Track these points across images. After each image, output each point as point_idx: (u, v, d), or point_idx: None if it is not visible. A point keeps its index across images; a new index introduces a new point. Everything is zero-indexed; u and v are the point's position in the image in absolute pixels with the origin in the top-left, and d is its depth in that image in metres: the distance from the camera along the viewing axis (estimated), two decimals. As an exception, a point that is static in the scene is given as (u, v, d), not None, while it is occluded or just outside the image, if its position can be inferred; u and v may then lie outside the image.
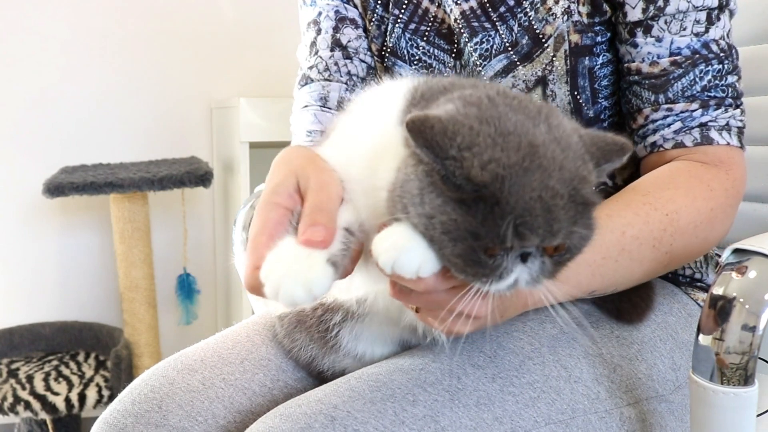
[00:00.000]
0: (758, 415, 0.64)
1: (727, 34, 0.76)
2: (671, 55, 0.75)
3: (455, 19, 0.83)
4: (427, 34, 0.86)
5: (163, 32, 2.31)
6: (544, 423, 0.65)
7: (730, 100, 0.75)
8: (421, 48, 0.87)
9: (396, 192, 0.54)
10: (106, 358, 2.05)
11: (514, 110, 0.54)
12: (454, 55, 0.85)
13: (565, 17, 0.77)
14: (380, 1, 0.89)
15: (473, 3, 0.82)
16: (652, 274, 0.73)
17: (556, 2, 0.77)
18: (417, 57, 0.87)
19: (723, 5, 0.75)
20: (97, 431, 0.73)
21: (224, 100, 2.26)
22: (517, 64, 0.80)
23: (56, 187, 1.88)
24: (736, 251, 0.61)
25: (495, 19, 0.81)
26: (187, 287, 2.26)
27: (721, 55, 0.75)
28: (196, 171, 1.97)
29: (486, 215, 0.49)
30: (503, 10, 0.80)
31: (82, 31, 2.24)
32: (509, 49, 0.80)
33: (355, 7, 0.92)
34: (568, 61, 0.78)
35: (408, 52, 0.87)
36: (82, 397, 1.84)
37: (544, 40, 0.78)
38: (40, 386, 1.86)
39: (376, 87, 0.68)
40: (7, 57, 2.19)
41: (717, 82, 0.75)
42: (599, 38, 0.79)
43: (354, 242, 0.57)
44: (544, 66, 0.79)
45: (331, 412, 0.61)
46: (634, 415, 0.70)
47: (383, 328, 0.71)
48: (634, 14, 0.75)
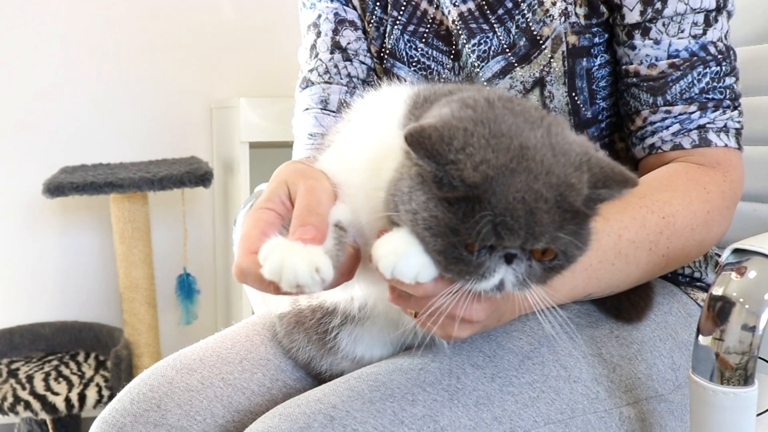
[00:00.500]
0: (758, 415, 0.64)
1: (725, 36, 0.76)
2: (669, 57, 0.75)
3: (453, 21, 0.83)
4: (425, 35, 0.86)
5: (164, 32, 2.31)
6: (544, 423, 0.65)
7: (728, 101, 0.76)
8: (420, 49, 0.87)
9: (390, 191, 0.55)
10: (106, 358, 2.05)
11: (513, 114, 0.55)
12: (452, 57, 0.85)
13: (563, 19, 0.77)
14: (379, 3, 0.89)
15: (471, 5, 0.82)
16: (649, 276, 0.74)
17: (554, 4, 0.78)
18: (415, 58, 0.87)
19: (721, 7, 0.75)
20: (96, 430, 0.73)
21: (224, 100, 2.26)
22: (515, 65, 0.80)
23: (56, 187, 1.88)
24: (736, 251, 0.61)
25: (493, 21, 0.81)
26: (187, 287, 2.26)
27: (719, 57, 0.75)
28: (196, 171, 1.97)
29: (467, 213, 0.50)
30: (501, 12, 0.80)
31: (83, 31, 2.25)
32: (507, 50, 0.80)
33: (354, 9, 0.92)
34: (566, 63, 0.78)
35: (407, 54, 0.87)
36: (82, 397, 1.84)
37: (541, 42, 0.78)
38: (40, 386, 1.87)
39: (376, 93, 0.69)
40: (8, 57, 2.19)
41: (715, 84, 0.75)
42: (597, 39, 0.79)
43: (346, 238, 0.58)
44: (542, 67, 0.79)
45: (330, 412, 0.61)
46: (634, 415, 0.70)
47: (382, 332, 0.71)
48: (632, 16, 0.75)
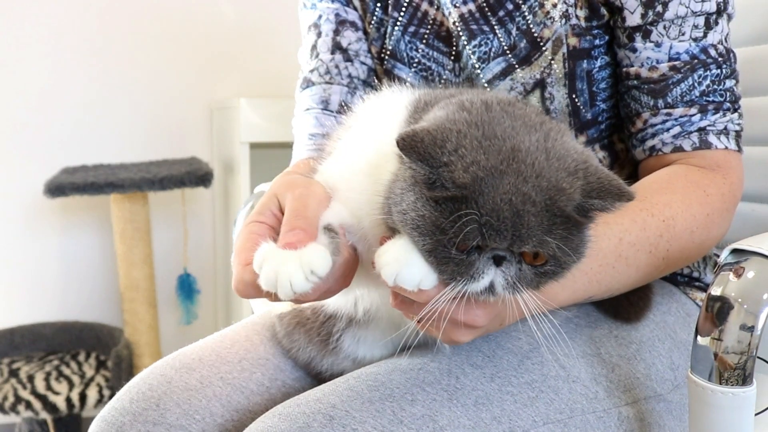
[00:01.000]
0: (756, 414, 0.64)
1: (725, 39, 0.76)
2: (670, 60, 0.75)
3: (454, 22, 0.83)
4: (426, 36, 0.86)
5: (164, 33, 2.32)
6: (543, 422, 0.65)
7: (728, 104, 0.76)
8: (420, 50, 0.87)
9: (386, 194, 0.55)
10: (107, 357, 2.05)
11: (510, 117, 0.55)
12: (452, 58, 0.85)
13: (563, 21, 0.78)
14: (379, 4, 0.90)
15: (472, 6, 0.82)
16: (649, 278, 0.74)
17: (554, 6, 0.78)
18: (416, 59, 0.87)
19: (721, 10, 0.75)
20: (96, 429, 0.73)
21: (224, 100, 2.27)
22: (516, 67, 0.80)
23: (57, 188, 1.88)
24: (735, 251, 0.61)
25: (494, 22, 0.81)
26: (187, 287, 2.26)
27: (720, 59, 0.75)
28: (196, 171, 1.97)
29: (454, 212, 0.50)
30: (502, 14, 0.80)
31: (83, 32, 2.25)
32: (507, 52, 0.80)
33: (355, 9, 0.93)
34: (566, 65, 0.79)
35: (407, 55, 0.88)
36: (83, 397, 1.84)
37: (542, 44, 0.78)
38: (40, 386, 1.87)
39: (377, 98, 0.70)
40: (8, 57, 2.19)
41: (715, 87, 0.75)
42: (597, 41, 0.79)
43: (339, 240, 0.59)
44: (543, 69, 0.79)
45: (330, 412, 0.61)
46: (633, 415, 0.70)
47: (385, 333, 0.71)
48: (633, 19, 0.76)
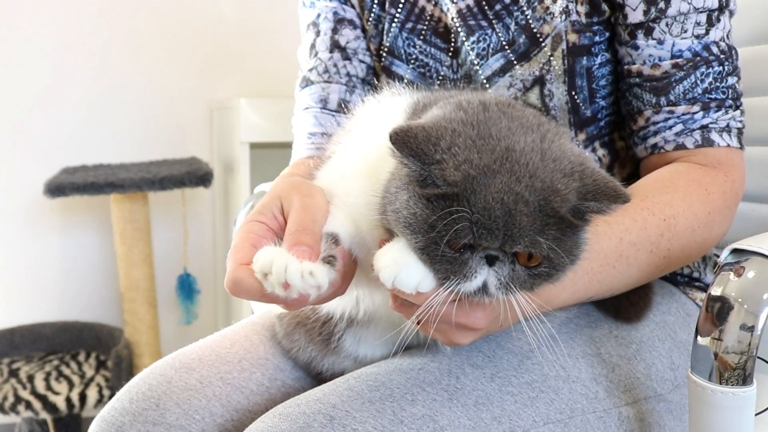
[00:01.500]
0: (757, 414, 0.64)
1: (727, 35, 0.76)
2: (672, 57, 0.75)
3: (452, 18, 0.83)
4: (423, 32, 0.86)
5: (164, 33, 2.31)
6: (543, 422, 0.65)
7: (731, 101, 0.76)
8: (418, 47, 0.87)
9: (381, 194, 0.56)
10: (107, 357, 2.05)
11: (507, 118, 0.55)
12: (450, 54, 0.85)
13: (563, 17, 0.77)
14: (377, 1, 0.89)
15: (470, 1, 0.82)
16: (650, 277, 0.74)
17: (554, 1, 0.77)
18: (414, 56, 0.87)
19: (723, 6, 0.75)
20: (96, 429, 0.73)
21: (224, 100, 2.26)
22: (515, 63, 0.80)
23: (57, 188, 1.88)
24: (735, 251, 0.61)
25: (491, 17, 0.81)
26: (187, 287, 2.26)
27: (722, 56, 0.75)
28: (196, 171, 1.97)
29: (446, 210, 0.50)
30: (499, 8, 0.80)
31: (83, 32, 2.25)
32: (506, 47, 0.80)
33: (353, 7, 0.93)
34: (566, 61, 0.78)
35: (405, 51, 0.87)
36: (83, 397, 1.84)
37: (541, 40, 0.78)
38: (40, 386, 1.87)
39: (376, 103, 0.70)
40: (8, 57, 2.19)
41: (718, 84, 0.75)
42: (597, 38, 0.79)
43: (337, 252, 0.59)
44: (542, 65, 0.79)
45: (330, 412, 0.61)
46: (633, 415, 0.70)
47: (385, 333, 0.71)
48: (635, 16, 0.75)
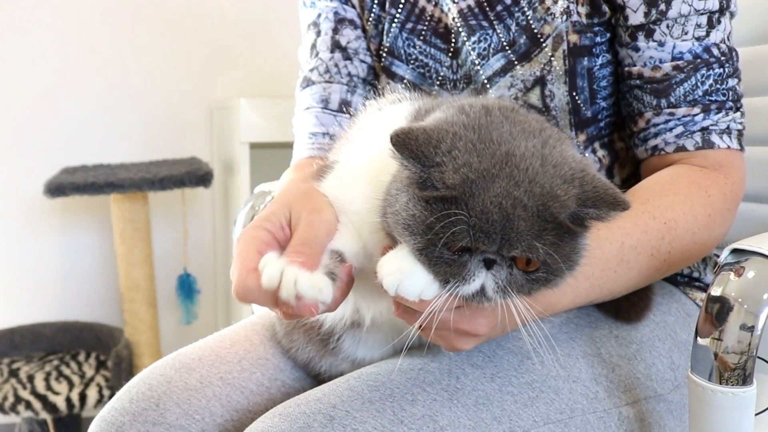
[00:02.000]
0: (757, 414, 0.64)
1: (728, 37, 0.76)
2: (673, 59, 0.75)
3: (453, 18, 0.83)
4: (423, 33, 0.86)
5: (164, 32, 2.31)
6: (543, 422, 0.65)
7: (731, 103, 0.76)
8: (418, 47, 0.87)
9: (382, 196, 0.56)
10: (107, 357, 2.05)
11: (509, 122, 0.55)
12: (450, 55, 0.85)
13: (564, 17, 0.77)
14: (377, 1, 0.89)
15: (471, 1, 0.82)
16: (651, 280, 0.74)
17: (555, 2, 0.77)
18: (413, 56, 0.87)
19: (724, 8, 0.75)
20: (96, 429, 0.73)
21: (224, 100, 2.26)
22: (515, 63, 0.80)
23: (57, 188, 1.88)
24: (735, 251, 0.61)
25: (492, 17, 0.81)
26: (187, 287, 2.26)
27: (722, 59, 0.75)
28: (196, 171, 1.97)
29: (444, 213, 0.51)
30: (500, 8, 0.80)
31: (83, 32, 2.25)
32: (507, 48, 0.80)
33: (353, 7, 0.93)
34: (567, 62, 0.78)
35: (405, 52, 0.87)
36: (83, 397, 1.84)
37: (542, 40, 0.78)
38: (40, 386, 1.87)
39: (377, 110, 0.70)
40: (8, 57, 2.19)
41: (718, 86, 0.75)
42: (598, 39, 0.79)
43: (339, 269, 0.59)
44: (543, 66, 0.79)
45: (330, 412, 0.61)
46: (633, 415, 0.70)
47: (387, 336, 0.71)
48: (636, 18, 0.75)
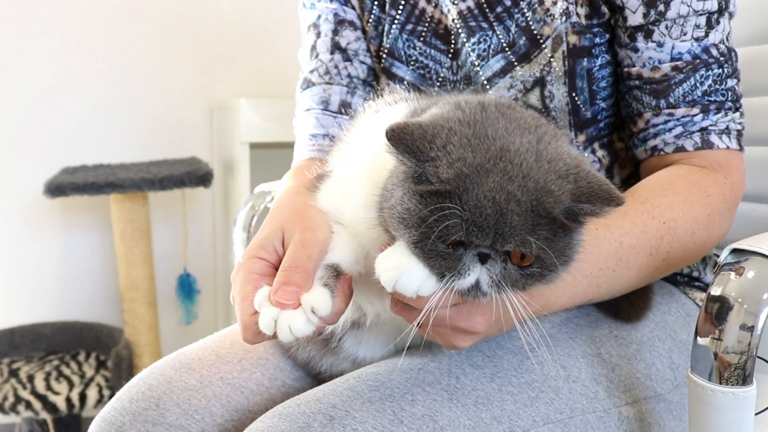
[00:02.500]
0: (756, 414, 0.64)
1: (727, 38, 0.76)
2: (672, 60, 0.75)
3: (453, 19, 0.83)
4: (423, 34, 0.86)
5: (164, 32, 2.32)
6: (543, 422, 0.65)
7: (730, 103, 0.76)
8: (418, 48, 0.87)
9: (380, 192, 0.56)
10: (107, 357, 2.05)
11: (505, 118, 0.55)
12: (450, 56, 0.85)
13: (564, 18, 0.77)
14: (377, 2, 0.89)
15: (470, 3, 0.82)
16: (650, 279, 0.74)
17: (554, 3, 0.77)
18: (414, 57, 0.87)
19: (722, 9, 0.75)
20: (96, 429, 0.73)
21: (224, 101, 2.27)
22: (515, 64, 0.80)
23: (57, 188, 1.88)
24: (735, 251, 0.61)
25: (492, 19, 0.81)
26: (187, 287, 2.26)
27: (721, 59, 0.75)
28: (196, 171, 1.97)
29: (438, 207, 0.51)
30: (500, 10, 0.80)
31: (83, 32, 2.25)
32: (506, 49, 0.80)
33: (353, 8, 0.93)
34: (566, 62, 0.78)
35: (405, 53, 0.87)
36: (83, 397, 1.84)
37: (541, 41, 0.78)
38: (40, 386, 1.87)
39: (375, 113, 0.70)
40: (8, 57, 2.19)
41: (717, 87, 0.75)
42: (598, 39, 0.79)
43: (341, 283, 0.60)
44: (542, 67, 0.79)
45: (330, 412, 0.61)
46: (633, 415, 0.70)
47: (388, 336, 0.71)
48: (635, 19, 0.75)
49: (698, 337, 0.59)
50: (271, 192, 1.15)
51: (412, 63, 0.87)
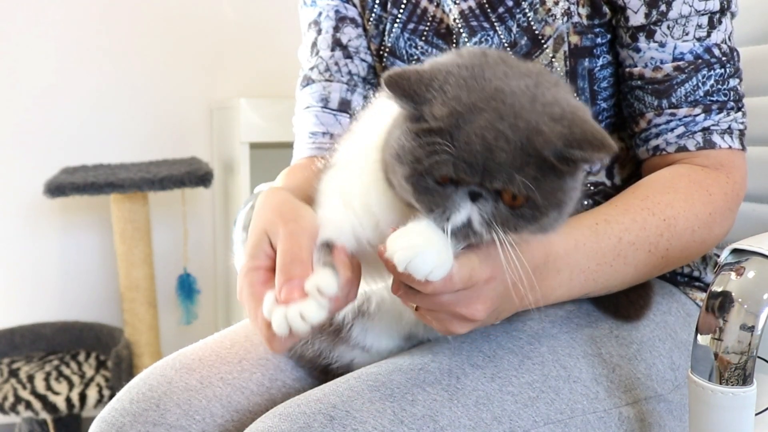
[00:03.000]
0: (757, 414, 0.64)
1: (729, 37, 0.76)
2: (674, 60, 0.75)
3: (454, 19, 0.83)
4: (425, 33, 0.86)
5: (164, 32, 2.32)
6: (543, 423, 0.65)
7: (732, 103, 0.76)
8: (420, 47, 0.87)
9: (383, 146, 0.58)
10: (107, 357, 2.05)
11: (506, 64, 0.56)
12: (452, 55, 0.85)
13: (565, 18, 0.77)
14: (378, 1, 0.89)
15: (472, 3, 0.82)
16: (648, 276, 0.74)
17: (556, 3, 0.77)
18: (415, 57, 0.87)
19: (725, 9, 0.75)
20: (96, 430, 0.73)
21: (224, 101, 2.26)
22: (516, 64, 0.80)
23: (57, 188, 1.88)
24: (735, 251, 0.61)
25: (494, 19, 0.81)
26: (187, 287, 2.26)
27: (723, 59, 0.75)
28: (196, 171, 1.97)
29: (430, 144, 0.52)
30: (502, 10, 0.80)
31: (83, 32, 2.25)
32: (508, 49, 0.80)
33: (355, 6, 0.92)
34: (568, 63, 0.78)
35: (406, 52, 0.87)
36: (83, 397, 1.84)
37: (543, 41, 0.78)
38: (40, 386, 1.87)
39: (377, 106, 0.70)
40: (8, 57, 2.19)
41: (719, 87, 0.75)
42: (599, 40, 0.79)
43: (337, 254, 0.60)
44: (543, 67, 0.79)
45: (330, 412, 0.61)
46: (633, 415, 0.70)
47: (390, 323, 0.71)
48: (637, 19, 0.75)
49: (698, 337, 0.59)
50: (271, 192, 1.14)
51: (414, 62, 0.87)
